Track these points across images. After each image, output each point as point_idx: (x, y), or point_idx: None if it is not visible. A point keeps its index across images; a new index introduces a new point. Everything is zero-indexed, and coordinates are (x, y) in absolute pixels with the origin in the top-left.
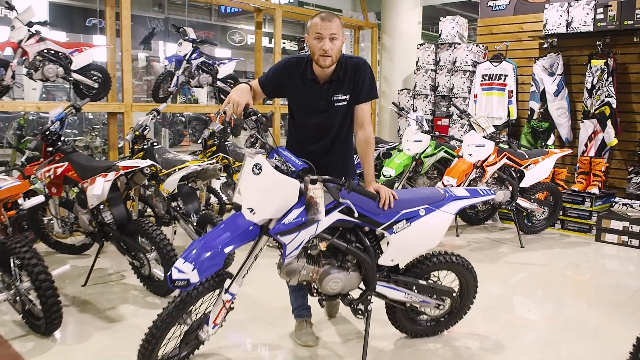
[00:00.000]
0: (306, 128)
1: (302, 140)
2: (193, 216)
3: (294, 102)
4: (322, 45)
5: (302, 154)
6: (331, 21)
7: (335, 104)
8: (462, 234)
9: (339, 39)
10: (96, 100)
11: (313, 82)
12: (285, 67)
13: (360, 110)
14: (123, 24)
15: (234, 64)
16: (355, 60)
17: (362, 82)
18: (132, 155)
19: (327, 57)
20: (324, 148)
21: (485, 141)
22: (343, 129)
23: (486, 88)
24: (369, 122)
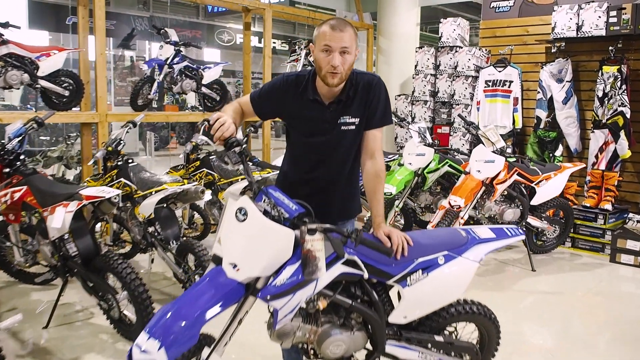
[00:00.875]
0: (306, 151)
1: (300, 166)
2: (172, 243)
3: (292, 123)
4: (331, 60)
5: (299, 182)
6: (343, 31)
7: (341, 127)
8: None
9: (351, 53)
10: (67, 109)
11: (316, 103)
12: (282, 87)
13: (371, 137)
14: (97, 24)
15: (220, 68)
16: (368, 78)
17: (376, 105)
18: (105, 173)
19: (336, 74)
20: (326, 177)
21: (495, 156)
22: (349, 156)
23: (490, 95)
24: (381, 151)
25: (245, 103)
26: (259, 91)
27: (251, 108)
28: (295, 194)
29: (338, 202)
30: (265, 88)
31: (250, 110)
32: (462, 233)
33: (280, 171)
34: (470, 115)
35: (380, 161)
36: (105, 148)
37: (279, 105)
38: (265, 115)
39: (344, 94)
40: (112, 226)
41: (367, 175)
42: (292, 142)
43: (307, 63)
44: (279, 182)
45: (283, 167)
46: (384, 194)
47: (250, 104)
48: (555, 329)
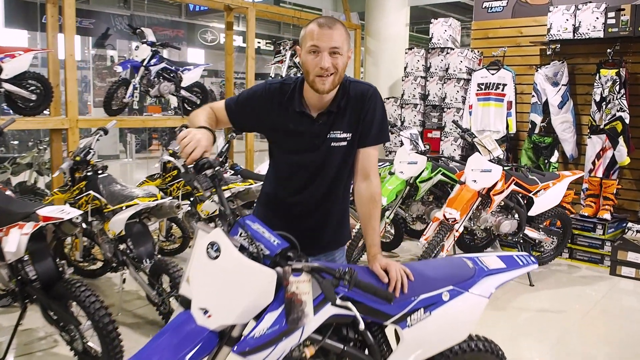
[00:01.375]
0: (291, 170)
1: (285, 187)
2: (145, 261)
3: (275, 138)
4: (320, 62)
5: (283, 206)
6: (333, 28)
7: (331, 143)
8: None
9: (342, 54)
10: (34, 114)
11: (303, 116)
12: (264, 95)
13: (364, 156)
14: (66, 23)
15: (201, 70)
16: (362, 88)
17: (371, 119)
18: (73, 185)
19: (327, 77)
20: (315, 200)
21: (491, 165)
22: (341, 176)
23: (482, 98)
24: (376, 172)
25: (220, 109)
26: (237, 98)
27: (226, 116)
28: (278, 219)
29: (328, 229)
30: (244, 95)
31: (225, 118)
32: (469, 264)
33: (262, 191)
34: (462, 120)
35: (375, 183)
36: (73, 158)
37: (260, 117)
38: (242, 126)
39: (335, 104)
40: (81, 241)
41: (361, 199)
42: (275, 159)
43: (293, 64)
44: (260, 204)
45: (265, 187)
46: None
47: (225, 111)
48: (555, 347)
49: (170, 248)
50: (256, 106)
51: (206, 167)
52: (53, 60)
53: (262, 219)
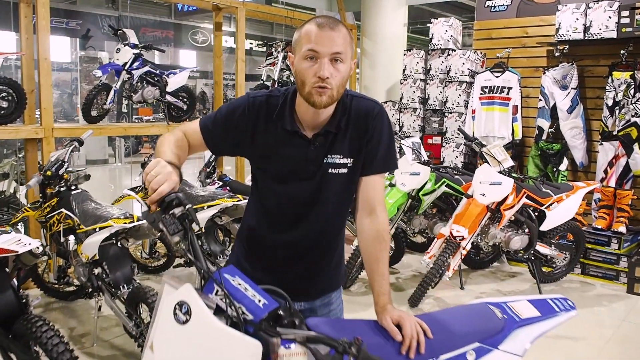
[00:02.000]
0: (279, 202)
1: (272, 223)
2: (122, 287)
3: (260, 163)
4: (319, 70)
5: (270, 245)
6: (334, 30)
7: (329, 170)
8: (467, 284)
9: (345, 61)
10: (6, 123)
11: (295, 137)
12: (246, 113)
13: (369, 185)
14: (39, 24)
15: (187, 74)
16: (366, 105)
17: (377, 142)
18: (44, 202)
19: (325, 89)
20: (308, 239)
21: (502, 178)
22: (339, 210)
23: (486, 102)
24: (383, 205)
25: (193, 132)
26: (213, 116)
27: (201, 139)
28: (263, 261)
29: (324, 274)
30: (222, 113)
31: (200, 141)
32: (497, 313)
33: (243, 224)
34: (464, 125)
35: (383, 219)
36: (43, 172)
37: (242, 139)
38: (221, 150)
39: (334, 123)
40: (55, 261)
41: (366, 238)
42: (259, 188)
43: (286, 67)
44: (241, 240)
45: (247, 219)
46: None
47: (199, 133)
48: None
49: (155, 265)
50: (238, 125)
51: (174, 204)
52: (27, 64)
53: (243, 259)
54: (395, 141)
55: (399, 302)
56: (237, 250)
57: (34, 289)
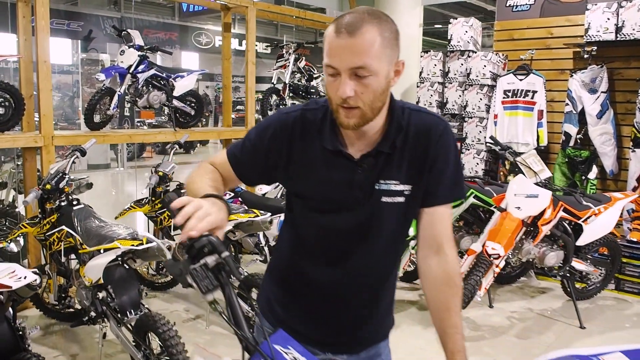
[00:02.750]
0: (319, 235)
1: (307, 259)
2: (129, 313)
3: (296, 189)
4: (339, 88)
5: (306, 283)
6: (354, 35)
7: (381, 199)
8: (495, 302)
9: (377, 73)
10: (3, 130)
11: (339, 157)
12: (279, 133)
13: (434, 218)
14: (39, 25)
15: (195, 77)
16: (427, 121)
17: (443, 165)
18: (44, 217)
19: (351, 110)
20: (351, 281)
21: (538, 190)
22: (394, 247)
23: (509, 107)
24: (452, 241)
25: (222, 164)
26: (242, 144)
27: (232, 172)
28: (298, 305)
29: (371, 320)
30: (250, 138)
31: (231, 174)
32: None
33: (276, 257)
34: (486, 130)
35: (452, 258)
36: (42, 186)
37: (276, 164)
38: (254, 180)
39: (387, 142)
40: (55, 282)
41: (432, 282)
42: (295, 217)
43: (297, 70)
44: (273, 280)
45: (280, 251)
46: None
47: (228, 164)
48: None
49: (161, 282)
50: (270, 149)
51: (206, 252)
52: (25, 67)
53: (275, 302)
54: None
55: (425, 324)
56: (268, 288)
57: (33, 309)
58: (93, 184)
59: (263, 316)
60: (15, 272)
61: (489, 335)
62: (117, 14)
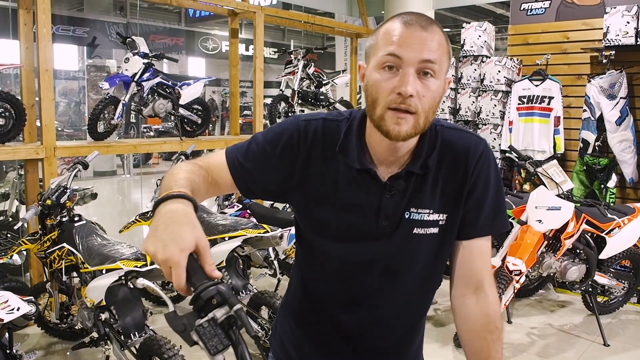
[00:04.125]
0: (339, 270)
1: (323, 298)
2: (134, 336)
3: (312, 214)
4: (401, 84)
5: (320, 329)
6: (427, 30)
7: (413, 229)
8: (514, 317)
9: (439, 77)
10: (3, 141)
11: (365, 177)
12: (295, 140)
13: (474, 252)
14: (40, 32)
15: (202, 85)
16: (465, 140)
17: (483, 192)
18: (45, 233)
19: (406, 115)
20: (376, 326)
21: (561, 202)
22: (425, 286)
23: (525, 113)
24: (492, 279)
25: (219, 167)
26: (246, 147)
27: (228, 178)
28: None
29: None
30: (258, 142)
31: (227, 180)
32: None
33: (289, 292)
34: (500, 138)
35: (493, 298)
36: (42, 202)
37: (287, 179)
38: (257, 193)
39: (418, 161)
40: (57, 300)
41: (472, 325)
42: (310, 247)
43: (306, 76)
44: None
45: (293, 286)
46: None
47: (226, 169)
48: None
49: (169, 296)
50: (283, 159)
51: (215, 303)
52: (27, 76)
53: (288, 343)
54: None
55: (443, 341)
56: (280, 326)
57: (34, 327)
58: (98, 194)
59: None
60: (8, 303)
61: (509, 354)
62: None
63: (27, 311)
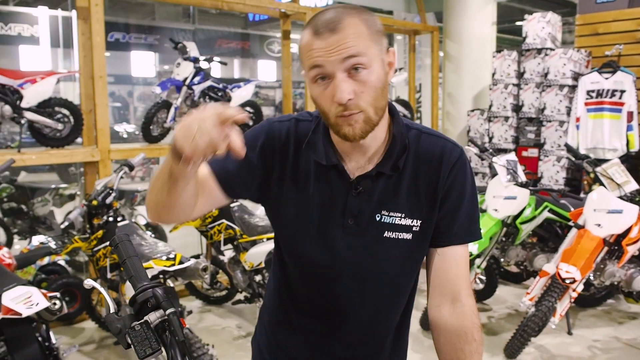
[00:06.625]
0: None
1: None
2: None
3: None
4: (337, 92)
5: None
6: (336, 30)
7: (384, 233)
8: (575, 328)
9: (371, 65)
10: (62, 145)
11: (333, 174)
12: (272, 141)
13: (449, 260)
14: (94, 41)
15: (252, 87)
16: (440, 144)
17: (458, 199)
18: (92, 233)
19: (353, 117)
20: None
21: (623, 205)
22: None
23: (593, 109)
24: (470, 289)
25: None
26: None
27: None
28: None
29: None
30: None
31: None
32: None
33: (266, 301)
34: (567, 135)
35: (470, 308)
36: (89, 202)
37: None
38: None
39: (388, 162)
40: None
41: (448, 337)
42: (277, 250)
43: None
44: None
45: (269, 290)
46: None
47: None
48: None
49: (216, 296)
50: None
51: (150, 305)
52: (85, 83)
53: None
54: (486, 158)
55: (493, 351)
56: (258, 331)
57: (89, 321)
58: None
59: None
60: (30, 298)
61: None
62: (192, 26)
63: (47, 307)
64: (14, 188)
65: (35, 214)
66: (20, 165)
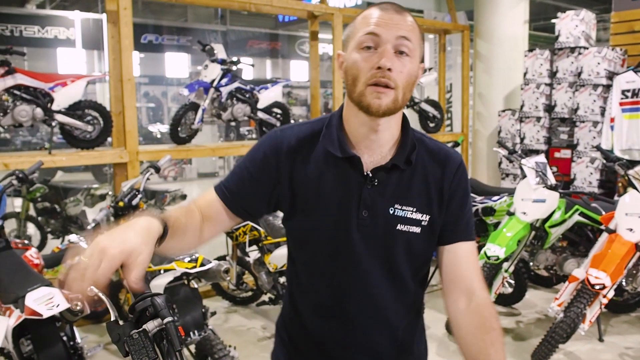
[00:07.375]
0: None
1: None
2: (193, 334)
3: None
4: (384, 57)
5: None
6: (401, 13)
7: (397, 226)
8: (607, 335)
9: (413, 57)
10: (92, 146)
11: (347, 166)
12: (270, 150)
13: (459, 256)
14: (123, 44)
15: (280, 88)
16: (445, 149)
17: (462, 201)
18: None
19: (386, 90)
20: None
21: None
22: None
23: (629, 109)
24: (482, 282)
25: (209, 204)
26: (231, 174)
27: (221, 206)
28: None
29: None
30: (242, 164)
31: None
32: None
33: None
34: (601, 136)
35: (484, 299)
36: (115, 203)
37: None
38: (253, 212)
39: (401, 155)
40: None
41: (466, 330)
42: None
43: None
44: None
45: (286, 295)
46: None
47: (218, 200)
48: None
49: (242, 297)
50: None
51: (148, 314)
52: (114, 86)
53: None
54: (515, 160)
55: (521, 356)
56: (277, 339)
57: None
58: (187, 196)
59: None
60: (52, 299)
61: None
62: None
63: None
64: (48, 188)
65: (67, 214)
66: (52, 167)
